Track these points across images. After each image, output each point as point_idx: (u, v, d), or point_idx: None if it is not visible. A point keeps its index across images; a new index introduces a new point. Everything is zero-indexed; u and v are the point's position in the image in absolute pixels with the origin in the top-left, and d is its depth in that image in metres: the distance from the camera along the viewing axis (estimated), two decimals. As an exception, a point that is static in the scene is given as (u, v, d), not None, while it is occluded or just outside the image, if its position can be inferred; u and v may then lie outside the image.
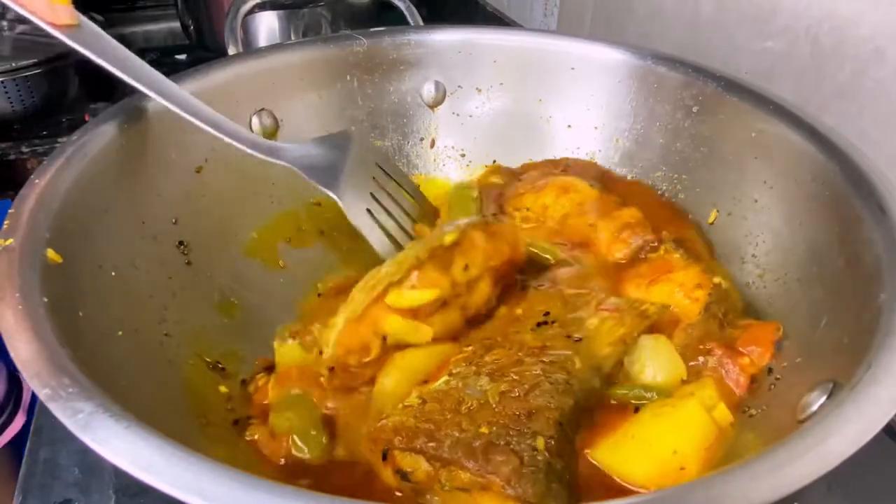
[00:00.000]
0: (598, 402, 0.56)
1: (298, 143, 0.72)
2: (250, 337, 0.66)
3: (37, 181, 0.54)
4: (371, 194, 0.74)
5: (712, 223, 0.72)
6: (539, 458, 0.48)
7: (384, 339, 0.58)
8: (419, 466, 0.50)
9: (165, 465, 0.34)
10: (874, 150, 0.59)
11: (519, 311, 0.64)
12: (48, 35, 0.58)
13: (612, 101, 0.82)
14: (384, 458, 0.52)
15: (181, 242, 0.68)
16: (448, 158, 0.90)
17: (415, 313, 0.59)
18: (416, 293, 0.58)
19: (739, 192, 0.69)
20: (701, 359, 0.59)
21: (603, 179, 0.81)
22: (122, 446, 0.35)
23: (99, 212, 0.58)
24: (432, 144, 0.89)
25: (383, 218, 0.73)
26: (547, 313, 0.62)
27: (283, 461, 0.55)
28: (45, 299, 0.44)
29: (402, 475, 0.51)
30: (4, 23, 1.32)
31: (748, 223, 0.68)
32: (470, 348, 0.59)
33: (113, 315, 0.54)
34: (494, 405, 0.51)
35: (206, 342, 0.63)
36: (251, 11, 0.96)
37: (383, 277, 0.59)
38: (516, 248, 0.68)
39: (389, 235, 0.73)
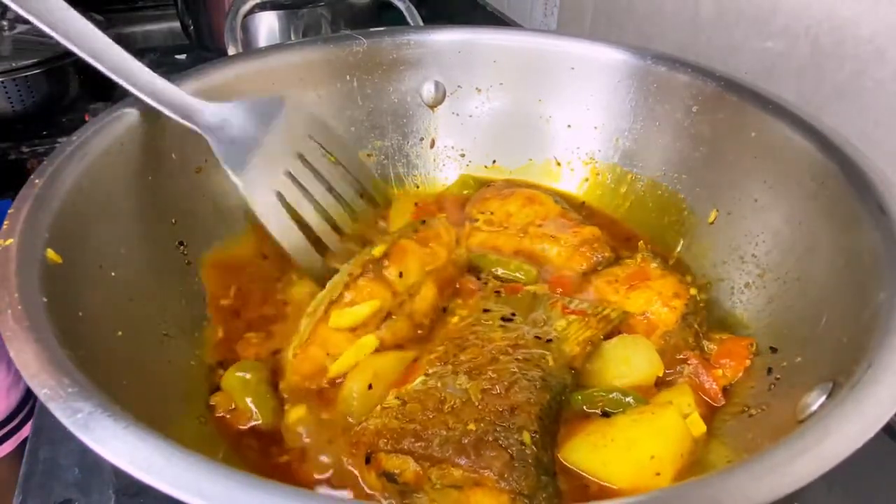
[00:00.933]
0: (567, 400, 0.58)
1: (221, 104, 0.66)
2: (250, 337, 0.66)
3: (37, 181, 0.54)
4: (288, 173, 0.66)
5: (712, 223, 0.72)
6: (527, 451, 0.49)
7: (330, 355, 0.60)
8: (407, 467, 0.51)
9: (164, 465, 0.34)
10: (874, 150, 0.59)
11: (481, 307, 0.65)
12: (48, 35, 0.58)
13: (612, 100, 0.82)
14: (367, 461, 0.52)
15: (181, 242, 0.68)
16: (448, 158, 0.90)
17: (357, 328, 0.60)
18: (356, 308, 0.60)
19: (739, 192, 0.69)
20: (678, 367, 0.62)
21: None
22: (122, 446, 0.35)
23: (99, 212, 0.58)
24: (432, 144, 0.89)
25: (300, 203, 0.66)
26: (513, 314, 0.63)
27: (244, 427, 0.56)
28: (45, 299, 0.44)
29: (389, 477, 0.51)
30: (4, 23, 1.32)
31: (748, 223, 0.68)
32: (441, 348, 0.60)
33: (113, 315, 0.54)
34: (477, 402, 0.52)
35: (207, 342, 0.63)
36: (251, 11, 0.96)
37: (323, 299, 0.61)
38: (452, 249, 0.69)
39: (303, 225, 0.66)
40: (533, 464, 0.49)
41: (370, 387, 0.58)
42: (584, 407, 0.58)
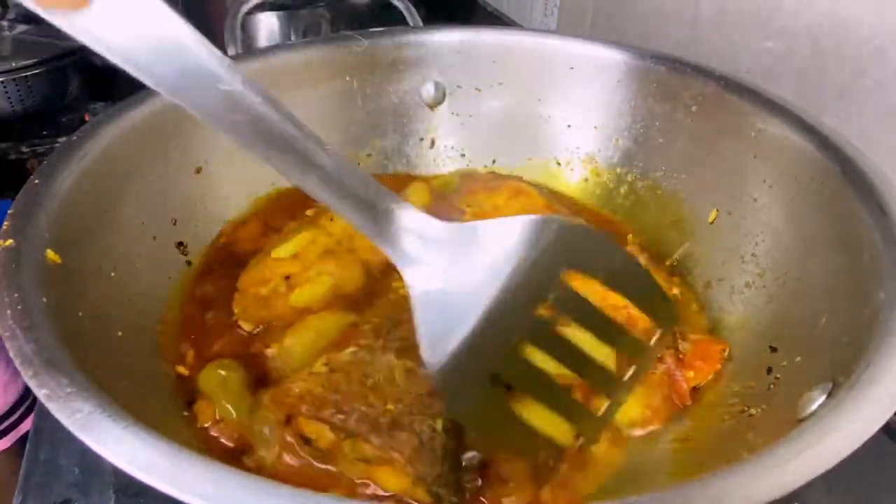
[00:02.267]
0: None
1: (427, 222, 0.45)
2: (250, 337, 0.66)
3: (37, 181, 0.54)
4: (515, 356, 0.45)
5: (712, 223, 0.72)
6: (437, 439, 0.50)
7: (286, 278, 0.64)
8: (323, 435, 0.52)
9: (165, 465, 0.34)
10: (874, 150, 0.59)
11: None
12: (48, 35, 0.58)
13: (612, 100, 0.82)
14: (287, 422, 0.53)
15: (181, 242, 0.68)
16: (448, 158, 0.90)
17: (299, 258, 0.65)
18: (285, 243, 0.66)
19: (739, 192, 0.69)
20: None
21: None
22: (122, 446, 0.35)
23: (99, 212, 0.58)
24: (432, 144, 0.89)
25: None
26: None
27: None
28: (45, 299, 0.44)
29: (306, 440, 0.53)
30: (4, 23, 1.32)
31: (748, 223, 0.67)
32: (377, 321, 0.60)
33: (113, 315, 0.54)
34: (400, 383, 0.53)
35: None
36: (251, 12, 0.96)
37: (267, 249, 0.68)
38: None
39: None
40: (440, 452, 0.50)
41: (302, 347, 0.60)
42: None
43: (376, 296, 0.66)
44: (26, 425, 1.12)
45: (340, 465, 0.53)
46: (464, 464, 0.52)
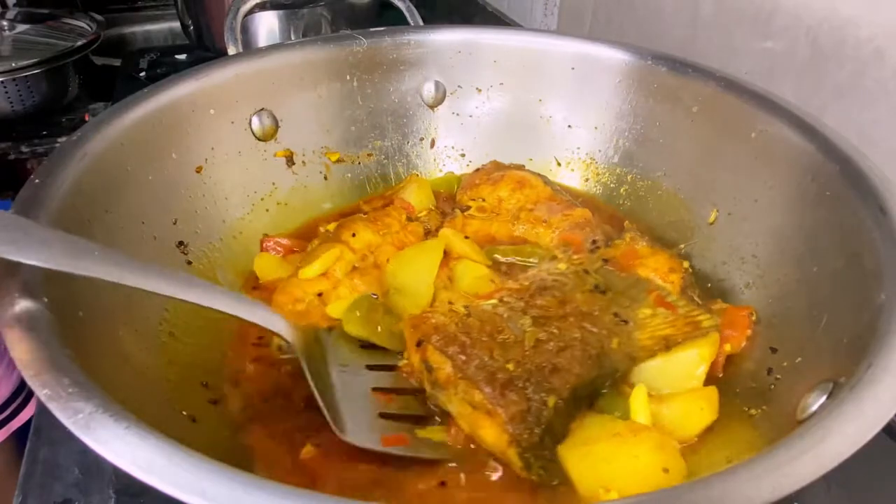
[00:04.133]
0: (613, 384, 0.57)
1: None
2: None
3: (37, 181, 0.54)
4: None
5: (712, 223, 0.72)
6: (545, 413, 0.51)
7: (319, 295, 0.66)
8: (444, 368, 0.55)
9: (165, 466, 0.34)
10: (874, 150, 0.59)
11: (584, 266, 0.66)
12: (48, 35, 0.58)
13: (612, 101, 0.82)
14: (418, 344, 0.57)
15: (181, 242, 0.68)
16: (448, 158, 0.90)
17: (327, 274, 0.67)
18: (317, 260, 0.67)
19: (739, 192, 0.69)
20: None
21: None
22: (122, 447, 0.35)
23: (99, 212, 0.58)
24: (432, 144, 0.89)
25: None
26: (606, 290, 0.63)
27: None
28: (46, 299, 0.44)
29: (428, 367, 0.56)
30: (4, 23, 1.32)
31: (748, 223, 0.68)
32: (527, 283, 0.62)
33: (113, 315, 0.54)
34: (527, 348, 0.55)
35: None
36: (251, 11, 0.96)
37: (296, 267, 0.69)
38: (403, 223, 0.74)
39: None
40: (544, 425, 0.51)
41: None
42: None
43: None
44: (19, 420, 1.12)
45: (450, 404, 0.55)
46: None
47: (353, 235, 0.70)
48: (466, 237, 0.73)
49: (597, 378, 0.55)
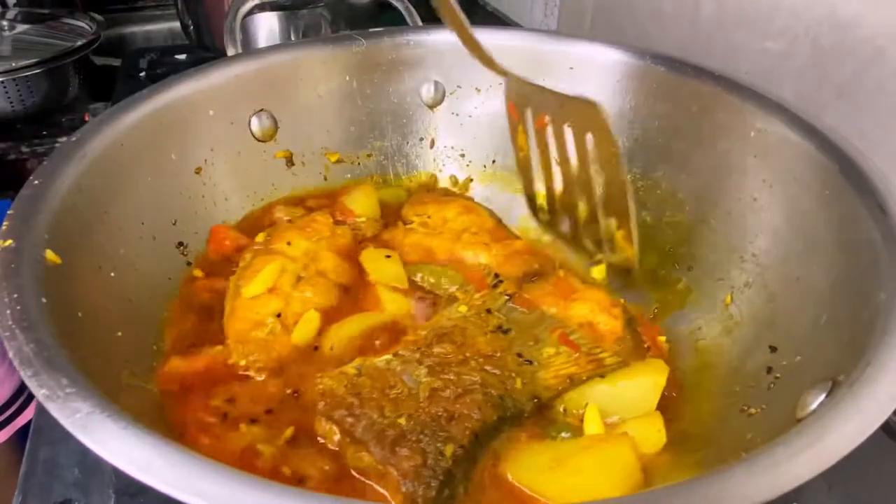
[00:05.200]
0: (519, 425, 0.56)
1: None
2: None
3: (37, 181, 0.54)
4: None
5: (712, 223, 0.72)
6: (442, 464, 0.49)
7: (278, 315, 0.63)
8: (333, 436, 0.52)
9: (164, 466, 0.34)
10: (874, 150, 0.59)
11: (487, 305, 0.65)
12: (48, 35, 0.58)
13: (612, 101, 0.82)
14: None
15: (181, 243, 0.68)
16: (448, 158, 0.90)
17: (273, 289, 0.64)
18: (259, 275, 0.64)
19: (739, 192, 0.69)
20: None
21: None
22: (121, 446, 0.35)
23: (99, 212, 0.58)
24: (432, 144, 0.89)
25: None
26: (509, 329, 0.63)
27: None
28: (45, 300, 0.44)
29: (319, 437, 0.53)
30: (4, 23, 1.33)
31: (748, 222, 0.67)
32: (423, 333, 0.60)
33: (113, 315, 0.54)
34: (422, 399, 0.53)
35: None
36: (251, 12, 0.96)
37: (232, 284, 0.65)
38: (332, 228, 0.73)
39: None
40: (441, 477, 0.49)
41: (331, 348, 0.61)
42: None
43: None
44: (22, 419, 1.12)
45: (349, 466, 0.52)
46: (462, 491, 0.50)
47: (289, 244, 0.68)
48: (388, 255, 0.72)
49: (499, 421, 0.54)
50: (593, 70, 0.82)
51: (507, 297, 0.67)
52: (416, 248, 0.75)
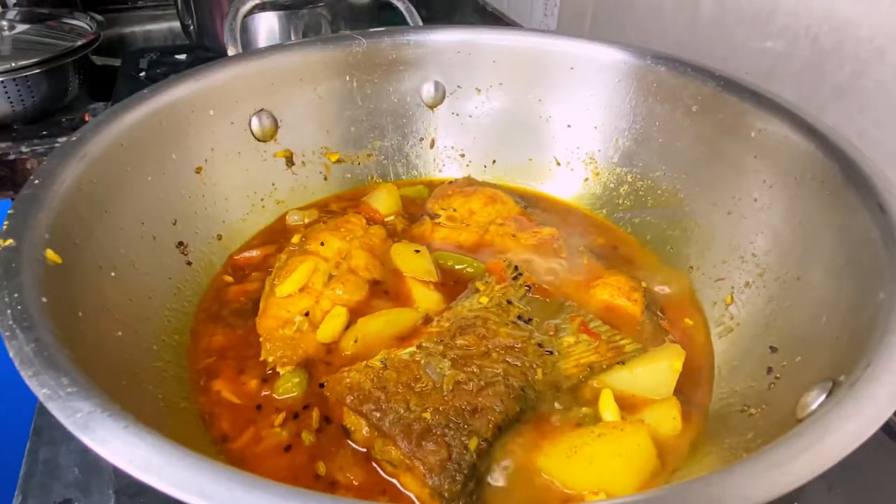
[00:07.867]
0: (542, 415, 0.57)
1: None
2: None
3: (37, 181, 0.54)
4: None
5: (712, 223, 0.72)
6: (466, 457, 0.50)
7: (306, 314, 0.64)
8: (360, 428, 0.53)
9: (164, 465, 0.34)
10: (874, 150, 0.59)
11: (507, 296, 0.65)
12: (48, 35, 0.58)
13: (612, 100, 0.82)
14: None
15: (181, 242, 0.68)
16: (448, 158, 0.90)
17: (305, 288, 0.66)
18: (293, 275, 0.66)
19: (739, 192, 0.69)
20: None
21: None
22: (121, 446, 0.35)
23: (99, 212, 0.58)
24: (432, 144, 0.89)
25: None
26: (531, 319, 0.63)
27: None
28: (45, 299, 0.44)
29: (345, 430, 0.55)
30: (4, 23, 1.32)
31: (748, 222, 0.68)
32: (446, 325, 0.61)
33: (113, 315, 0.54)
34: (446, 393, 0.54)
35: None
36: (251, 12, 0.96)
37: (268, 283, 0.67)
38: (365, 227, 0.74)
39: None
40: (466, 470, 0.50)
41: (355, 340, 0.63)
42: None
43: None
44: None
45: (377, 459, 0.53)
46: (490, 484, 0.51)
47: (322, 245, 0.70)
48: (417, 251, 0.73)
49: (520, 411, 0.55)
50: (593, 70, 0.82)
51: (527, 288, 0.67)
52: (445, 242, 0.76)
